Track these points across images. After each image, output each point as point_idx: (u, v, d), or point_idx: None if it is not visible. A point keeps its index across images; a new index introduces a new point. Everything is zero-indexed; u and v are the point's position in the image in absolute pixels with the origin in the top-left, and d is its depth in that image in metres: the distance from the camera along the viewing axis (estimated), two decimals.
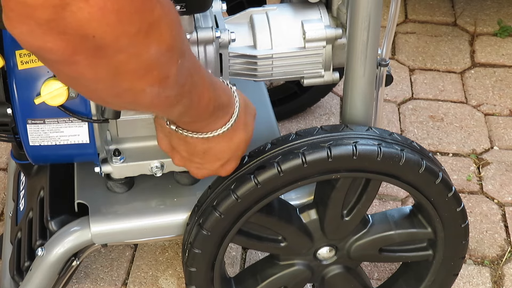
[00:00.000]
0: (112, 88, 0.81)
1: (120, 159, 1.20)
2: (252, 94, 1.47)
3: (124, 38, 0.74)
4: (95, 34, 0.72)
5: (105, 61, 0.76)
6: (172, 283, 1.51)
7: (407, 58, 2.12)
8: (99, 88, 0.81)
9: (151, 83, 0.82)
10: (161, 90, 0.83)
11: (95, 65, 0.76)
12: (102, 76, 0.78)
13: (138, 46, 0.76)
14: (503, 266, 1.55)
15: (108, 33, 0.72)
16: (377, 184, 1.18)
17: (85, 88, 0.82)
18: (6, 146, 1.83)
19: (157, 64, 0.80)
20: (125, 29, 0.73)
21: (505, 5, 2.32)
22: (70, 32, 0.71)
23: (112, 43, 0.74)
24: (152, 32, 0.76)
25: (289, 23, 1.24)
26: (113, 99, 0.84)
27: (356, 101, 1.17)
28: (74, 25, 0.70)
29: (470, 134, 1.87)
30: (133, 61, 0.77)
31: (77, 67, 0.75)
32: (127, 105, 0.88)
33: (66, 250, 1.22)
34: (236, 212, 1.14)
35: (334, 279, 1.29)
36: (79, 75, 0.77)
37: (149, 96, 0.83)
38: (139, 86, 0.81)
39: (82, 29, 0.71)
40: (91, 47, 0.73)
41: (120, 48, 0.75)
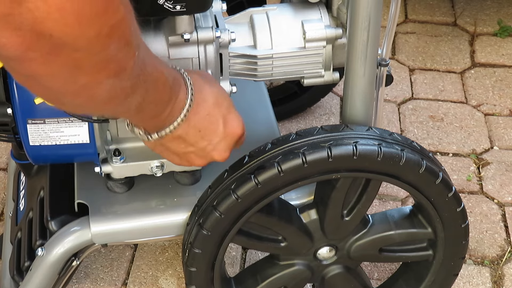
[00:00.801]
0: (68, 85, 0.79)
1: (120, 159, 1.20)
2: (252, 94, 1.47)
3: (82, 40, 0.73)
4: (52, 34, 0.70)
5: (62, 58, 0.74)
6: (172, 283, 1.51)
7: (407, 58, 2.12)
8: (55, 87, 0.79)
9: (108, 76, 0.80)
10: (117, 81, 0.82)
11: (51, 62, 0.74)
12: (58, 74, 0.76)
13: (96, 46, 0.75)
14: (503, 266, 1.55)
15: (67, 34, 0.71)
16: (377, 184, 1.18)
17: (40, 87, 0.80)
18: (6, 146, 1.83)
19: (115, 59, 0.79)
20: (84, 32, 0.72)
21: (505, 5, 2.32)
22: (25, 28, 0.69)
23: (70, 43, 0.72)
24: (112, 34, 0.75)
25: (289, 23, 1.24)
26: (70, 97, 0.83)
27: (356, 101, 1.17)
28: (30, 22, 0.69)
29: (470, 134, 1.87)
30: (90, 59, 0.76)
31: (31, 64, 0.74)
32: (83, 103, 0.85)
33: (66, 250, 1.22)
34: (236, 212, 1.14)
35: (334, 279, 1.29)
36: (33, 73, 0.76)
37: (106, 88, 0.82)
38: (96, 80, 0.80)
39: (38, 27, 0.69)
40: (46, 45, 0.72)
41: (78, 47, 0.73)
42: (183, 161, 1.09)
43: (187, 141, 1.04)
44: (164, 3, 1.02)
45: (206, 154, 1.07)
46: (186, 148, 1.05)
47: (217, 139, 1.06)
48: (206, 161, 1.09)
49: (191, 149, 1.06)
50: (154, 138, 1.02)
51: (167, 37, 1.12)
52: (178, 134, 1.02)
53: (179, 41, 1.12)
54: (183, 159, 1.08)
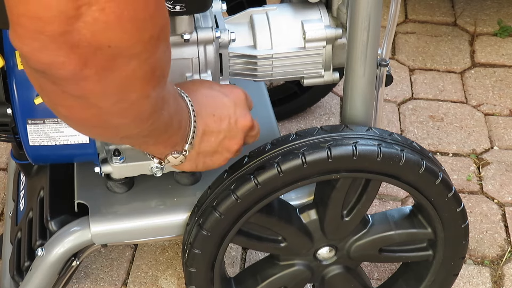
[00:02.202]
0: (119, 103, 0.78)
1: (120, 159, 1.20)
2: (252, 94, 1.47)
3: (139, 45, 0.73)
4: (111, 44, 0.70)
5: (116, 72, 0.74)
6: (172, 283, 1.51)
7: (407, 58, 2.12)
8: (106, 106, 0.78)
9: (154, 86, 0.80)
10: (160, 90, 0.83)
11: (105, 78, 0.74)
12: (111, 90, 0.76)
13: (150, 50, 0.75)
14: (503, 266, 1.55)
15: (124, 42, 0.71)
16: (377, 185, 1.18)
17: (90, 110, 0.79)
18: (6, 146, 1.83)
19: (160, 64, 0.79)
20: (141, 36, 0.72)
21: (505, 5, 2.32)
22: (83, 44, 0.69)
23: (126, 51, 0.72)
24: (162, 35, 0.76)
25: (289, 23, 1.24)
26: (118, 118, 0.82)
27: (356, 101, 1.17)
28: (89, 37, 0.68)
29: (470, 134, 1.87)
30: (142, 67, 0.76)
31: (86, 83, 0.73)
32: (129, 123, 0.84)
33: (66, 250, 1.22)
34: (236, 212, 1.14)
35: (334, 279, 1.29)
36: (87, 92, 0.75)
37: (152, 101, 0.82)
38: (145, 92, 0.80)
39: (96, 40, 0.69)
40: (103, 58, 0.71)
41: (133, 55, 0.73)
42: (225, 153, 1.08)
43: (213, 131, 1.05)
44: None
45: (235, 130, 1.07)
46: (217, 138, 1.06)
47: (231, 109, 1.07)
48: (240, 138, 1.08)
49: (221, 136, 1.06)
50: (188, 149, 1.02)
51: None
52: (201, 131, 1.03)
53: (179, 41, 1.12)
54: (223, 151, 1.08)
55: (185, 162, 1.05)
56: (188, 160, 1.05)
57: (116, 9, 0.68)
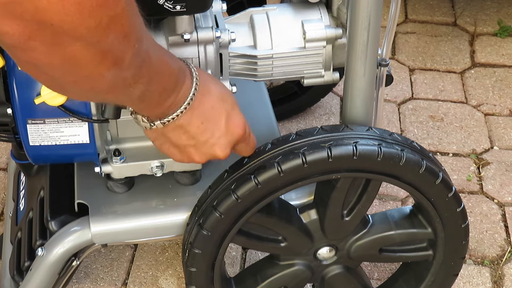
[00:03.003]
0: (69, 75, 0.81)
1: (120, 159, 1.20)
2: (252, 94, 1.47)
3: (83, 29, 0.74)
4: (53, 23, 0.71)
5: (62, 49, 0.75)
6: (172, 283, 1.51)
7: (407, 58, 2.12)
8: (57, 75, 0.81)
9: (108, 67, 0.81)
10: (118, 72, 0.83)
11: (52, 52, 0.75)
12: (59, 64, 0.78)
13: (96, 36, 0.76)
14: (503, 266, 1.55)
15: (67, 23, 0.72)
16: (377, 184, 1.18)
17: (43, 75, 0.82)
18: (6, 146, 1.83)
19: (113, 50, 0.80)
20: (84, 21, 0.73)
21: (505, 5, 2.32)
22: (27, 17, 0.70)
23: (70, 32, 0.73)
24: (112, 25, 0.76)
25: (289, 23, 1.24)
26: (72, 86, 0.84)
27: (356, 101, 1.17)
28: (32, 11, 0.70)
29: (470, 134, 1.87)
30: (90, 49, 0.77)
31: (33, 53, 0.75)
32: (86, 92, 0.87)
33: (66, 250, 1.22)
34: (236, 212, 1.14)
35: (334, 279, 1.29)
36: (35, 61, 0.77)
37: (107, 79, 0.83)
38: (96, 72, 0.81)
39: (39, 16, 0.70)
40: (47, 34, 0.73)
41: (78, 37, 0.74)
42: (183, 156, 1.08)
43: (189, 132, 1.04)
44: (164, 3, 1.02)
45: (207, 149, 1.06)
46: (187, 140, 1.05)
47: (218, 133, 1.05)
48: (205, 158, 1.08)
49: (192, 142, 1.05)
50: (157, 125, 1.01)
51: (167, 37, 1.12)
52: (181, 123, 1.02)
53: (179, 41, 1.12)
54: (183, 154, 1.07)
55: (149, 130, 1.04)
56: (152, 131, 1.04)
57: None
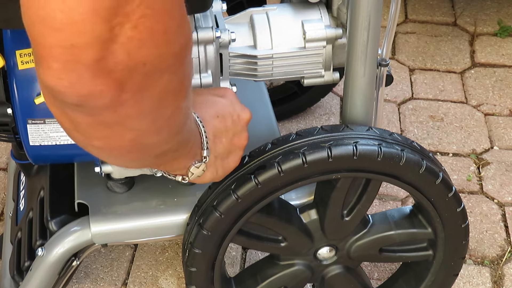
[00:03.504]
0: (155, 121, 0.76)
1: None
2: (252, 94, 1.47)
3: (171, 58, 0.70)
4: (146, 61, 0.67)
5: (151, 90, 0.71)
6: (172, 283, 1.51)
7: (407, 58, 2.12)
8: (143, 127, 0.76)
9: (184, 96, 0.79)
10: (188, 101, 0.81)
11: (141, 99, 0.71)
12: (147, 110, 0.73)
13: (180, 61, 0.73)
14: (503, 266, 1.55)
15: (158, 56, 0.68)
16: (377, 184, 1.18)
17: (127, 135, 0.76)
18: (6, 146, 1.83)
19: (187, 74, 0.78)
20: (172, 49, 0.70)
21: (505, 5, 2.32)
22: (119, 68, 0.66)
23: (159, 66, 0.69)
24: (189, 46, 0.74)
25: (289, 23, 1.24)
26: (154, 136, 0.79)
27: (356, 101, 1.17)
28: (125, 58, 0.65)
29: (470, 134, 1.87)
30: (174, 79, 0.74)
31: (123, 108, 0.70)
32: (164, 140, 0.82)
33: (66, 250, 1.22)
34: (236, 212, 1.14)
35: (334, 279, 1.29)
36: (123, 119, 0.72)
37: (183, 112, 0.81)
38: (177, 105, 0.78)
39: (132, 60, 0.66)
40: (139, 78, 0.68)
41: (165, 69, 0.71)
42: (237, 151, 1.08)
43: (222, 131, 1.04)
44: None
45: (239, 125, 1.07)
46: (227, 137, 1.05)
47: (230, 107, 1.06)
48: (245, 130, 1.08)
49: (230, 135, 1.06)
50: (207, 154, 1.01)
51: None
52: (212, 134, 1.02)
53: None
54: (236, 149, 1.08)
55: (206, 170, 1.03)
56: (209, 167, 1.04)
57: (148, 24, 0.65)
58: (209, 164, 1.04)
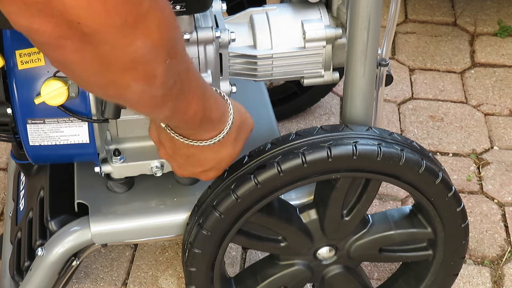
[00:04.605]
0: (98, 77, 0.80)
1: (120, 159, 1.20)
2: (252, 94, 1.47)
3: (109, 28, 0.74)
4: (80, 21, 0.71)
5: (91, 48, 0.75)
6: (172, 283, 1.51)
7: (407, 58, 2.12)
8: (86, 76, 0.80)
9: (136, 79, 0.81)
10: (147, 88, 0.83)
11: (82, 51, 0.75)
12: (88, 63, 0.77)
13: (123, 38, 0.75)
14: (503, 266, 1.55)
15: (94, 22, 0.72)
16: (377, 184, 1.18)
17: (73, 74, 0.82)
18: (6, 146, 1.83)
19: (142, 59, 0.79)
20: (111, 19, 0.73)
21: (505, 5, 2.32)
22: (56, 15, 0.70)
23: (97, 32, 0.73)
24: (139, 25, 0.76)
25: (289, 23, 1.24)
26: (100, 90, 0.84)
27: (356, 101, 1.17)
28: (60, 9, 0.70)
29: (470, 134, 1.87)
30: (118, 53, 0.77)
31: (64, 51, 0.75)
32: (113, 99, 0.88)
33: (66, 250, 1.22)
34: (236, 212, 1.14)
35: (334, 279, 1.29)
36: (65, 60, 0.77)
37: (134, 92, 0.83)
38: (124, 81, 0.81)
39: (67, 14, 0.70)
40: (77, 33, 0.73)
41: (105, 38, 0.74)
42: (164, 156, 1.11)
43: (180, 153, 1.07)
44: None
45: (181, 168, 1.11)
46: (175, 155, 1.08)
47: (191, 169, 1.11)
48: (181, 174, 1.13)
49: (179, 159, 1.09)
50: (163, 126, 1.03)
51: None
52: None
53: None
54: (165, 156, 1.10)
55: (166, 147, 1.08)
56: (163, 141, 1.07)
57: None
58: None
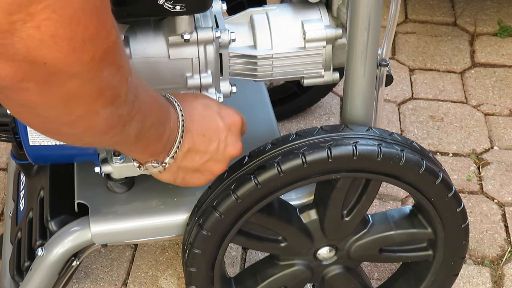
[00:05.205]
0: (65, 115, 0.78)
1: (120, 159, 1.20)
2: (252, 94, 1.47)
3: (77, 65, 0.72)
4: (46, 61, 0.69)
5: (57, 87, 0.73)
6: (172, 283, 1.51)
7: (407, 58, 2.12)
8: (51, 116, 0.78)
9: (104, 105, 0.79)
10: (114, 109, 0.82)
11: (46, 92, 0.73)
12: (54, 103, 0.75)
13: (91, 72, 0.74)
14: (503, 266, 1.55)
15: (60, 60, 0.70)
16: (377, 184, 1.18)
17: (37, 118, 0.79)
18: (6, 146, 1.83)
19: (109, 85, 0.78)
20: (78, 57, 0.71)
21: (505, 5, 2.32)
22: (19, 58, 0.68)
23: (64, 70, 0.71)
24: (106, 58, 0.74)
25: (289, 23, 1.24)
26: (67, 128, 0.82)
27: (356, 101, 1.17)
28: (24, 52, 0.67)
29: (470, 134, 1.87)
30: (86, 86, 0.75)
31: (27, 94, 0.72)
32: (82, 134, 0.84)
33: (66, 250, 1.22)
34: (236, 212, 1.14)
35: (334, 279, 1.29)
36: (29, 103, 0.74)
37: (103, 118, 0.81)
38: (93, 109, 0.79)
39: (31, 56, 0.68)
40: (41, 73, 0.71)
41: (73, 74, 0.72)
42: (207, 175, 1.09)
43: (199, 151, 1.04)
44: (164, 3, 1.02)
45: (222, 155, 1.07)
46: (201, 158, 1.06)
47: (223, 134, 1.06)
48: (226, 163, 1.09)
49: (206, 157, 1.06)
50: (168, 162, 1.01)
51: (167, 37, 1.12)
52: (187, 148, 1.03)
53: (179, 41, 1.12)
54: (206, 172, 1.08)
55: (163, 173, 1.05)
56: (168, 172, 1.05)
57: (52, 27, 0.67)
58: (168, 169, 1.04)
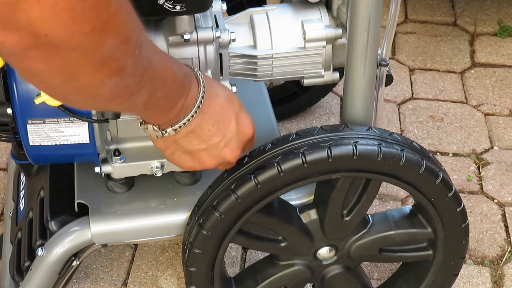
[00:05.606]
0: (69, 83, 0.80)
1: (120, 159, 1.20)
2: (252, 94, 1.47)
3: (78, 36, 0.73)
4: (47, 33, 0.71)
5: (60, 57, 0.75)
6: (172, 283, 1.51)
7: (407, 58, 2.12)
8: (57, 84, 0.80)
9: (108, 75, 0.81)
10: (119, 80, 0.83)
11: (50, 61, 0.75)
12: (58, 72, 0.77)
13: (92, 43, 0.75)
14: (503, 266, 1.55)
15: (61, 31, 0.71)
16: (377, 184, 1.18)
17: (43, 84, 0.81)
18: (6, 146, 1.83)
19: (113, 57, 0.79)
20: (78, 27, 0.72)
21: (505, 5, 2.32)
22: (21, 28, 0.70)
23: (65, 41, 0.73)
24: (107, 28, 0.75)
25: (289, 23, 1.24)
26: (73, 95, 0.83)
27: (356, 101, 1.17)
28: (25, 22, 0.69)
29: (470, 134, 1.87)
30: (88, 57, 0.76)
31: (31, 62, 0.74)
32: (88, 101, 0.86)
33: (66, 250, 1.22)
34: (236, 212, 1.14)
35: (334, 279, 1.29)
36: (34, 70, 0.76)
37: (108, 87, 0.82)
38: (97, 79, 0.80)
39: (33, 27, 0.70)
40: (44, 44, 0.72)
41: (74, 45, 0.74)
42: (195, 162, 1.08)
43: (201, 136, 1.04)
44: (164, 3, 1.02)
45: (218, 152, 1.07)
46: (199, 145, 1.05)
47: (230, 134, 1.06)
48: (217, 161, 1.09)
49: (203, 146, 1.05)
50: (169, 132, 1.01)
51: (167, 37, 1.13)
52: (192, 128, 1.02)
53: (179, 41, 1.12)
54: (196, 159, 1.08)
55: (159, 139, 1.04)
56: (163, 140, 1.04)
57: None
58: (165, 138, 1.04)
